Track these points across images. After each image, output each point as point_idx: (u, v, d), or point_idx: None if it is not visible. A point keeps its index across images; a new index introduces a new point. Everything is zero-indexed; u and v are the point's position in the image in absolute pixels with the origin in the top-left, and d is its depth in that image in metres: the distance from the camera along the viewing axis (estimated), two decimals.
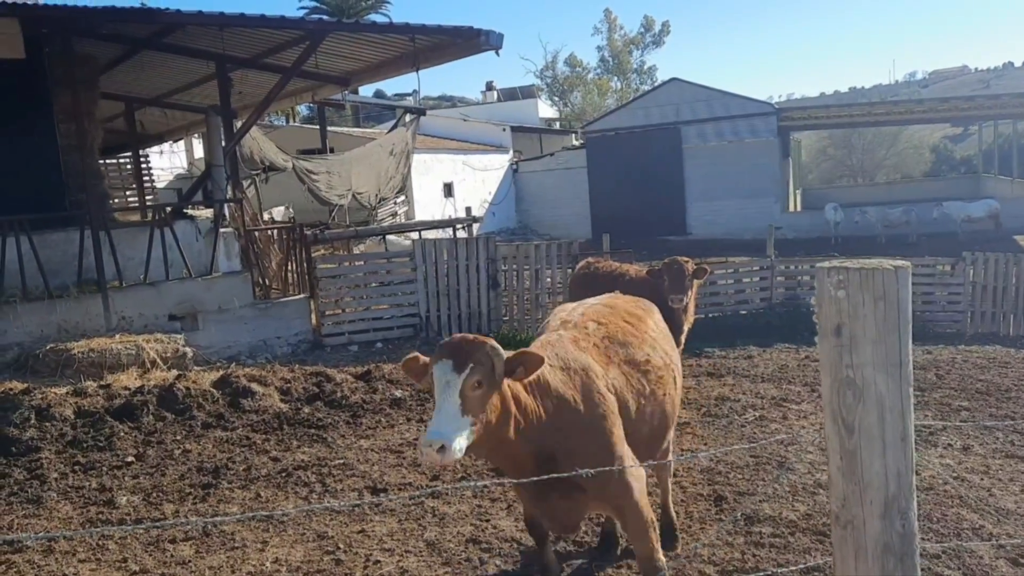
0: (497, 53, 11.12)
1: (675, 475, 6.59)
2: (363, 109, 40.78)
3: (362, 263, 13.32)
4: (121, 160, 21.70)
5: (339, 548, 5.40)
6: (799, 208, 31.64)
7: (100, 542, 5.48)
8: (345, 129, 33.14)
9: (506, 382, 3.91)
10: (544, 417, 4.14)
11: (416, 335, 12.21)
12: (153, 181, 22.49)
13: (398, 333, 12.29)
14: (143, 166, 20.61)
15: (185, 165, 28.51)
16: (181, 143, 26.91)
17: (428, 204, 27.76)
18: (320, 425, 8.32)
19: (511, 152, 34.51)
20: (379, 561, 5.21)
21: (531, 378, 3.98)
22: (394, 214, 25.21)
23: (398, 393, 9.37)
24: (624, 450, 4.32)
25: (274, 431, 8.14)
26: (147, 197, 20.00)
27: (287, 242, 12.85)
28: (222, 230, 11.75)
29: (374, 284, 12.91)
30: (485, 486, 6.47)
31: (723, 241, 26.48)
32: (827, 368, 2.19)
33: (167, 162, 27.36)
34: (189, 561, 5.22)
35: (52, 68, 11.30)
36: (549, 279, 12.88)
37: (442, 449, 3.57)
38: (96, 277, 10.31)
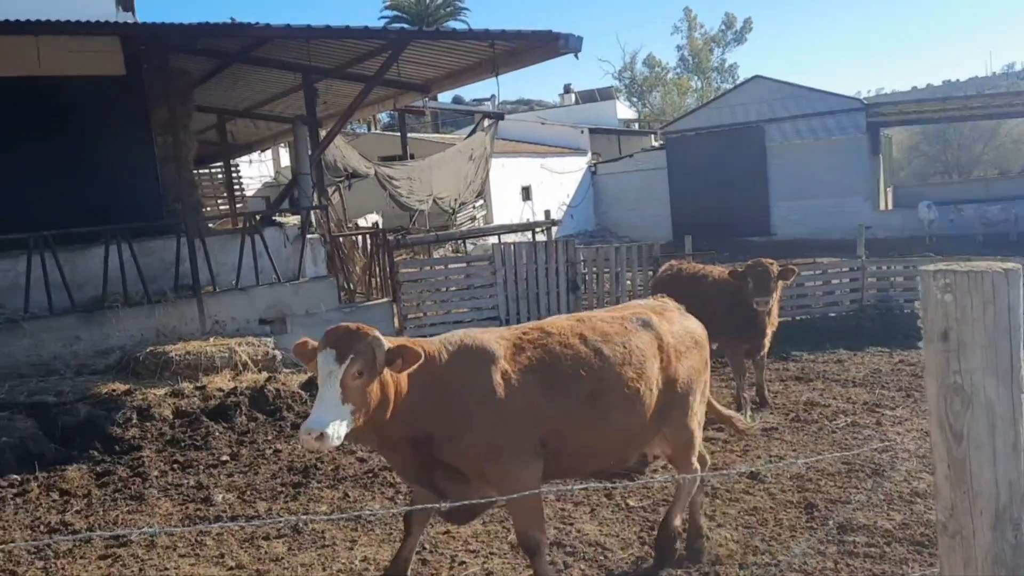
0: (576, 56, 11.09)
1: (763, 481, 6.46)
2: (442, 115, 41.24)
3: (442, 267, 13.48)
4: (213, 170, 22.52)
5: (425, 548, 5.46)
6: (890, 206, 30.55)
7: (198, 538, 5.69)
8: (425, 135, 33.62)
9: (389, 373, 4.04)
10: (428, 404, 4.23)
11: None
12: (243, 190, 23.26)
13: None
14: (233, 175, 21.32)
15: (272, 174, 29.36)
16: (268, 152, 27.73)
17: (506, 208, 27.90)
18: None
19: (589, 154, 34.40)
20: (464, 562, 5.26)
21: (410, 370, 4.08)
22: (473, 218, 25.44)
23: None
24: (513, 441, 4.32)
25: None
26: (237, 205, 20.70)
27: (370, 247, 13.10)
28: (309, 236, 12.06)
29: (454, 288, 13.04)
30: (568, 490, 6.46)
31: (809, 241, 25.77)
32: (933, 374, 2.12)
33: (255, 171, 28.25)
34: (282, 558, 5.37)
35: (150, 83, 11.81)
36: (629, 281, 12.78)
37: (320, 437, 3.73)
38: (191, 283, 10.70)
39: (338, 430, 3.76)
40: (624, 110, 46.31)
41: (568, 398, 4.47)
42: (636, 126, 46.31)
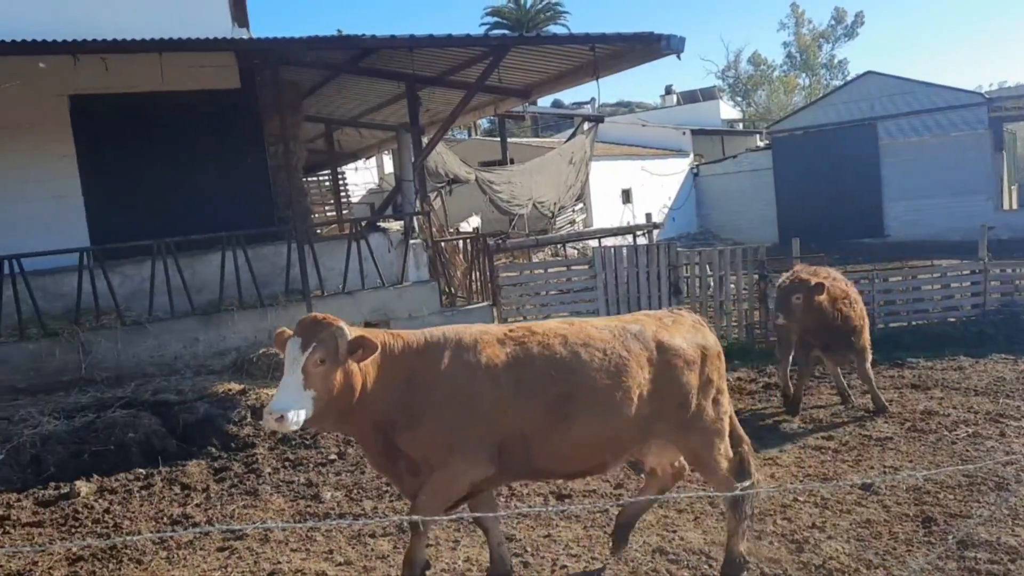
0: (678, 57, 10.95)
1: (877, 493, 6.21)
2: (542, 119, 41.41)
3: (542, 271, 13.52)
4: (321, 177, 23.29)
5: (526, 551, 5.50)
6: (1015, 205, 28.82)
7: (309, 534, 5.89)
8: (524, 140, 33.79)
9: (354, 361, 4.18)
10: (399, 393, 4.33)
11: None
12: (349, 196, 23.95)
13: None
14: (340, 182, 21.97)
15: (376, 180, 30.11)
16: (373, 160, 28.46)
17: (606, 211, 27.73)
18: None
19: (691, 156, 33.85)
20: (565, 566, 5.26)
21: (367, 361, 4.22)
22: (572, 222, 25.39)
23: None
24: (470, 436, 4.34)
25: None
26: (343, 211, 21.32)
27: (471, 252, 13.26)
28: (411, 241, 12.30)
29: (554, 291, 13.05)
30: (672, 497, 6.37)
31: (926, 243, 24.57)
32: None
33: (360, 178, 29.04)
34: (387, 556, 5.50)
35: (263, 95, 12.32)
36: (733, 285, 12.50)
37: (280, 419, 3.96)
38: (301, 287, 11.08)
39: (297, 414, 4.00)
40: (728, 110, 45.35)
41: (536, 400, 4.46)
42: (740, 126, 45.27)
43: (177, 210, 11.80)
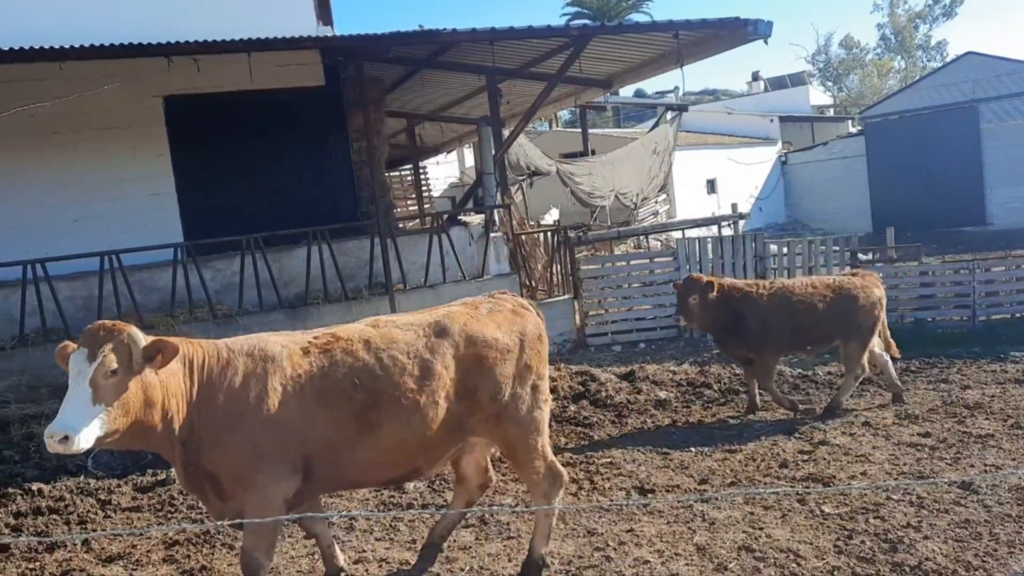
0: (765, 42, 10.65)
1: (977, 492, 5.92)
2: (624, 109, 41.00)
3: (624, 263, 13.37)
4: (403, 172, 23.60)
5: (608, 545, 5.44)
6: None
7: (392, 523, 5.97)
8: (606, 131, 33.51)
9: (152, 371, 3.85)
10: (201, 406, 4.05)
11: (680, 336, 12.02)
12: (430, 190, 24.21)
13: (661, 334, 12.17)
14: (421, 177, 22.22)
15: (457, 174, 30.35)
16: (454, 153, 28.69)
17: (690, 202, 27.26)
18: (586, 423, 8.46)
19: (779, 144, 32.96)
20: (648, 562, 5.18)
21: (191, 361, 3.98)
22: (655, 213, 25.03)
23: (663, 394, 9.30)
24: (275, 450, 4.13)
25: None
26: (425, 206, 21.56)
27: (552, 244, 13.21)
28: (492, 234, 12.33)
29: (636, 284, 12.89)
30: (759, 493, 6.21)
31: None
32: None
33: (441, 172, 29.32)
34: (470, 547, 5.52)
35: (346, 92, 12.54)
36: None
37: (65, 439, 3.55)
38: (384, 280, 11.24)
39: (88, 432, 3.62)
40: (818, 95, 43.95)
41: (341, 408, 4.28)
42: (831, 112, 43.83)
43: (265, 206, 12.14)
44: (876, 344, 8.67)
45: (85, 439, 3.60)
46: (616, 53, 12.97)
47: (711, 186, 29.15)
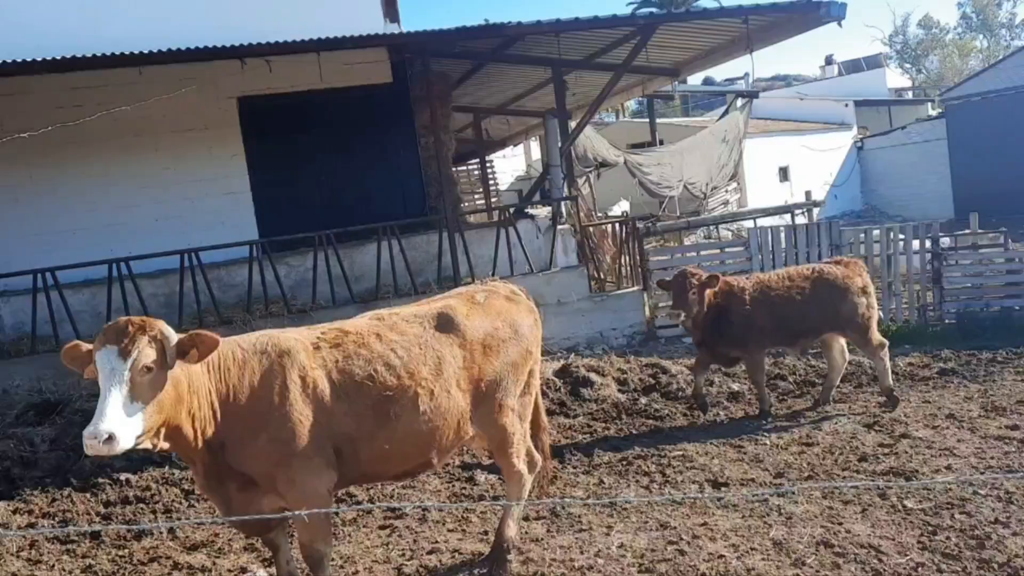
0: (839, 24, 10.34)
1: None
2: (692, 98, 40.37)
3: (694, 254, 13.17)
4: (469, 166, 23.72)
5: (682, 539, 5.38)
6: None
7: (464, 515, 6.02)
8: (674, 120, 33.09)
9: (183, 366, 3.80)
10: (222, 405, 4.00)
11: None
12: (497, 184, 24.27)
13: None
14: (488, 170, 22.30)
15: (523, 167, 30.37)
16: (520, 147, 28.71)
17: (761, 190, 26.71)
18: (657, 416, 8.38)
19: (855, 129, 32.02)
20: (723, 556, 5.11)
21: (207, 359, 3.87)
22: (726, 203, 24.61)
23: (735, 386, 9.15)
24: (305, 445, 4.10)
25: (613, 420, 8.35)
26: (492, 199, 21.62)
27: (620, 236, 13.10)
28: (560, 227, 12.29)
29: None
30: (836, 487, 6.07)
31: None
32: None
33: (508, 165, 29.37)
34: (541, 539, 5.53)
35: (413, 88, 12.65)
36: (904, 266, 11.71)
37: (109, 439, 3.45)
38: (452, 274, 11.31)
39: (129, 432, 3.55)
40: (895, 78, 42.56)
41: (360, 401, 4.28)
42: (910, 95, 42.36)
43: (336, 202, 12.35)
44: (840, 345, 8.33)
45: (126, 439, 3.56)
46: (683, 40, 12.77)
47: (783, 174, 28.52)
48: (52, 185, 11.24)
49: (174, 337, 3.80)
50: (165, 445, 3.95)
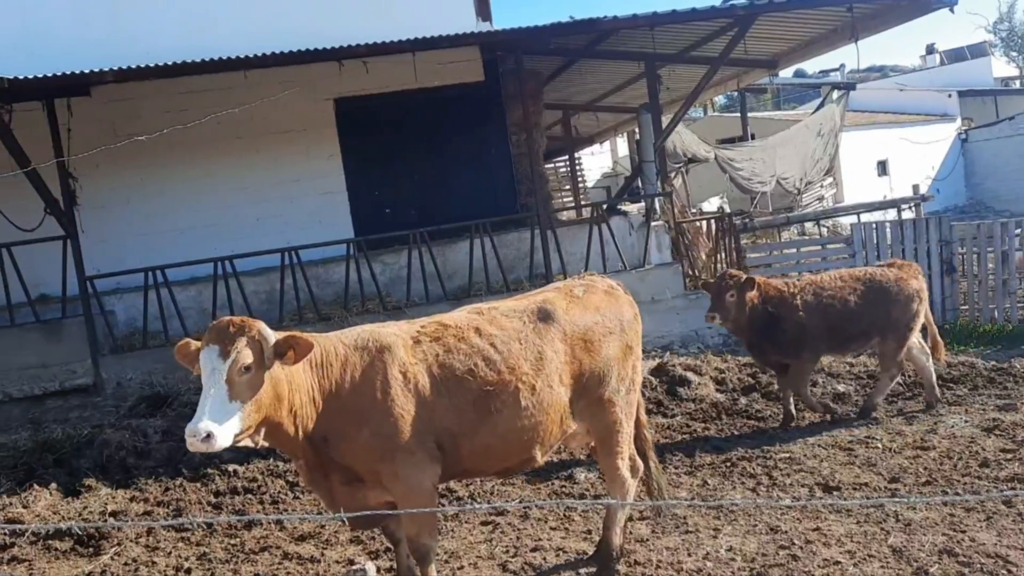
0: (951, 10, 9.90)
1: None
2: (783, 91, 39.31)
3: (794, 250, 12.80)
4: (556, 163, 23.66)
5: (794, 544, 5.21)
6: None
7: (566, 513, 5.97)
8: (766, 114, 32.29)
9: (280, 367, 3.82)
10: (323, 401, 4.01)
11: None
12: (584, 181, 24.15)
13: None
14: (576, 167, 22.21)
15: (610, 164, 30.14)
16: (606, 144, 28.50)
17: (858, 185, 25.84)
18: (759, 416, 8.17)
19: (958, 120, 30.66)
20: (839, 563, 4.92)
21: (302, 361, 3.85)
22: (820, 198, 23.90)
23: (840, 387, 8.85)
24: (408, 439, 4.07)
25: (712, 420, 8.17)
26: (579, 196, 21.52)
27: (715, 232, 12.84)
28: (653, 223, 12.12)
29: (807, 273, 12.31)
30: (957, 494, 5.79)
31: None
32: None
33: (595, 162, 29.20)
34: (647, 540, 5.44)
35: (505, 86, 12.67)
36: (1020, 262, 11.12)
37: (208, 438, 3.52)
38: (544, 271, 11.28)
39: (228, 430, 3.63)
40: (1001, 67, 40.53)
41: (460, 395, 4.22)
42: (1018, 84, 40.27)
43: (429, 200, 12.48)
44: (916, 344, 7.87)
45: (225, 437, 3.65)
46: (783, 31, 12.42)
47: (882, 168, 27.52)
48: (160, 187, 11.69)
49: (272, 338, 3.85)
50: (265, 443, 4.06)
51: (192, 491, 7.08)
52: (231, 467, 7.38)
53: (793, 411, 7.84)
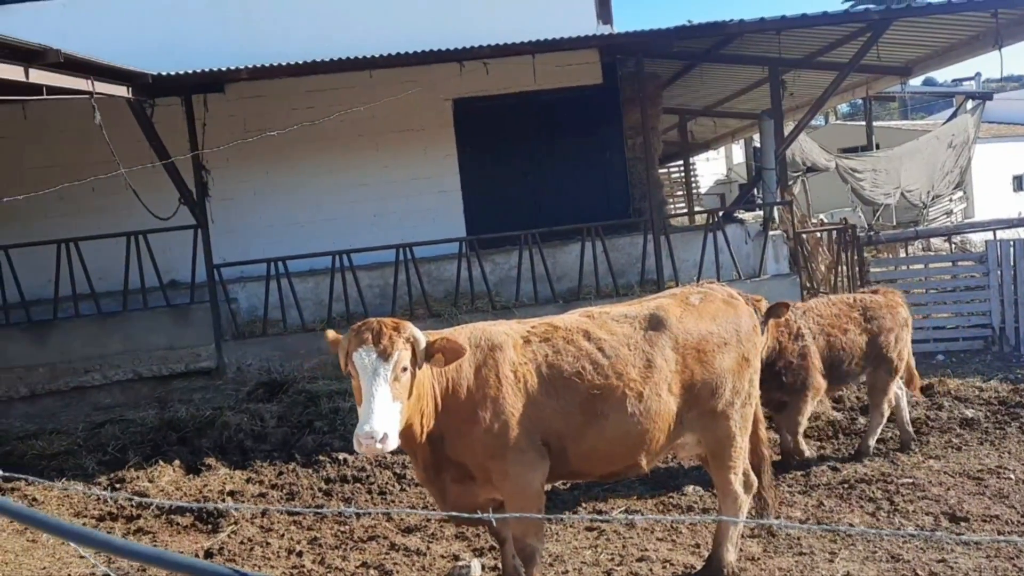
0: None
1: None
2: (912, 100, 37.56)
3: (922, 266, 12.18)
4: (670, 168, 23.34)
5: (916, 575, 4.94)
6: None
7: (673, 525, 5.85)
8: (893, 123, 31.00)
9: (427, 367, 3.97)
10: (440, 398, 4.01)
11: (986, 348, 10.73)
12: (697, 187, 23.73)
13: (963, 345, 10.92)
14: (691, 173, 21.84)
15: (723, 171, 29.52)
16: (720, 150, 27.93)
17: (991, 200, 24.43)
18: (880, 439, 7.79)
19: None
20: None
21: (453, 363, 3.87)
22: (948, 212, 22.70)
23: (969, 412, 8.33)
24: (518, 438, 4.04)
25: (829, 439, 7.85)
26: (693, 202, 21.15)
27: (836, 244, 12.36)
28: (771, 232, 11.78)
29: (935, 289, 11.70)
30: None
31: None
32: None
33: (707, 169, 28.66)
34: (758, 558, 5.27)
35: (623, 89, 12.56)
36: None
37: (384, 439, 3.65)
38: (656, 277, 11.12)
39: (397, 430, 3.75)
40: None
41: (567, 397, 4.19)
42: None
43: (541, 202, 12.50)
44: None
45: (395, 438, 3.75)
46: (918, 36, 11.85)
47: (1018, 183, 25.99)
48: (285, 181, 12.15)
49: (423, 340, 3.95)
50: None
51: (304, 476, 7.31)
52: (341, 456, 7.57)
53: (804, 448, 7.25)
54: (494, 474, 4.24)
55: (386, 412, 3.70)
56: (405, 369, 3.82)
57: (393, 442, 3.72)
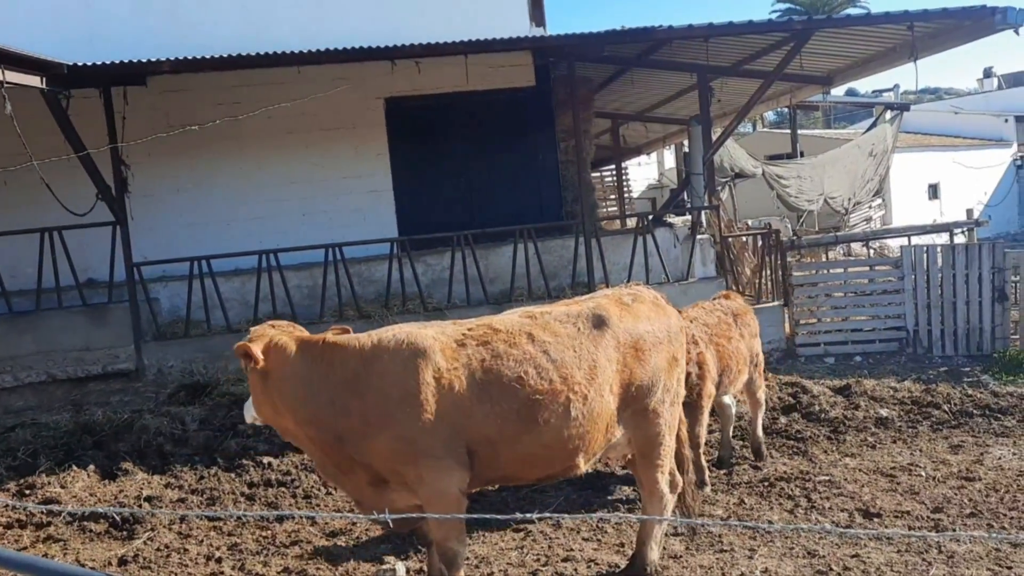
0: (1016, 32, 9.63)
1: None
2: (833, 110, 38.76)
3: (841, 270, 12.56)
4: (603, 172, 23.56)
5: (832, 570, 5.09)
6: None
7: (599, 525, 5.89)
8: (817, 131, 31.89)
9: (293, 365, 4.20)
10: (340, 400, 4.07)
11: (901, 350, 11.13)
12: (629, 192, 24.01)
13: (880, 347, 11.31)
14: (623, 178, 22.09)
15: (655, 175, 29.92)
16: (652, 155, 28.32)
17: (908, 207, 25.35)
18: (799, 437, 8.00)
19: (1014, 146, 29.96)
20: None
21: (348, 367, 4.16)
22: (868, 219, 23.48)
23: (884, 412, 8.63)
24: (432, 444, 4.04)
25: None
26: (625, 206, 21.39)
27: (761, 248, 12.66)
28: (699, 236, 11.98)
29: (852, 293, 12.08)
30: (1003, 528, 5.61)
31: None
32: None
33: (639, 173, 29.01)
34: (680, 556, 5.35)
35: (556, 92, 12.63)
36: None
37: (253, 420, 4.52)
38: (587, 280, 11.20)
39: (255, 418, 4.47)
40: None
41: (505, 403, 4.13)
42: None
43: (474, 203, 12.48)
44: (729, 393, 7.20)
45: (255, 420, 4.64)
46: (840, 47, 12.22)
47: (933, 191, 26.98)
48: (210, 178, 11.84)
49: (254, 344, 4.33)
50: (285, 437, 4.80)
51: (226, 481, 7.12)
52: (266, 459, 7.41)
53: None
54: (409, 480, 4.18)
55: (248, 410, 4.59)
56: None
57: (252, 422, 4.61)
